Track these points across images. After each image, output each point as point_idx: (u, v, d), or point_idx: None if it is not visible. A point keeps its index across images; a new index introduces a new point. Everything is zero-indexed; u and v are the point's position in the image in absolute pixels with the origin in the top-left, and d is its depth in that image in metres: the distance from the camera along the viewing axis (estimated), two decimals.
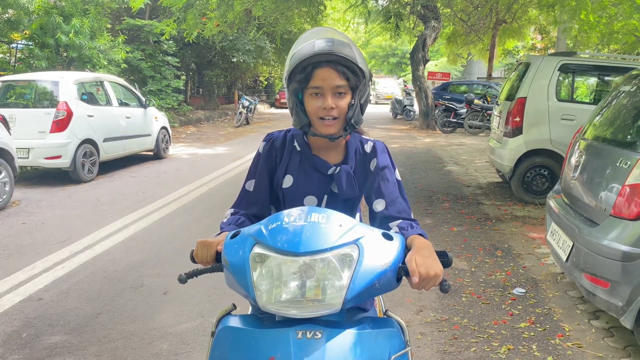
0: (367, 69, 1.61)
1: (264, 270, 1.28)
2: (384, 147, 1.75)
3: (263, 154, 1.74)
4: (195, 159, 10.83)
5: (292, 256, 1.25)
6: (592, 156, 3.62)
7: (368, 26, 19.61)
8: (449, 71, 28.18)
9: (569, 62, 6.69)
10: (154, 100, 12.06)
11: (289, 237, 1.28)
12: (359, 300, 1.29)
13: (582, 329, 3.46)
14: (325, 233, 1.28)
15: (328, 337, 1.25)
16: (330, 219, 1.33)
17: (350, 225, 1.32)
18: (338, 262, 1.26)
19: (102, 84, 9.28)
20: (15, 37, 12.44)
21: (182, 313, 3.63)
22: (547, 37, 21.43)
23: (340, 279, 1.25)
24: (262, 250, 1.29)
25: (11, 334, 3.33)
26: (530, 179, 6.84)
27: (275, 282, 1.27)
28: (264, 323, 1.36)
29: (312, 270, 1.26)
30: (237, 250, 1.34)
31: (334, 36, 1.58)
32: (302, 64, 1.54)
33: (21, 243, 5.13)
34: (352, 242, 1.29)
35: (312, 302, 1.26)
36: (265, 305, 1.27)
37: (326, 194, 1.69)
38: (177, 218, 6.09)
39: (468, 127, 15.54)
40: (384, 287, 1.34)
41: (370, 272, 1.28)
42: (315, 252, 1.25)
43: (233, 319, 1.38)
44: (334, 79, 1.54)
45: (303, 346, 1.23)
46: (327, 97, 1.56)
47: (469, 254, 4.88)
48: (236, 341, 1.31)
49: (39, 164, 7.85)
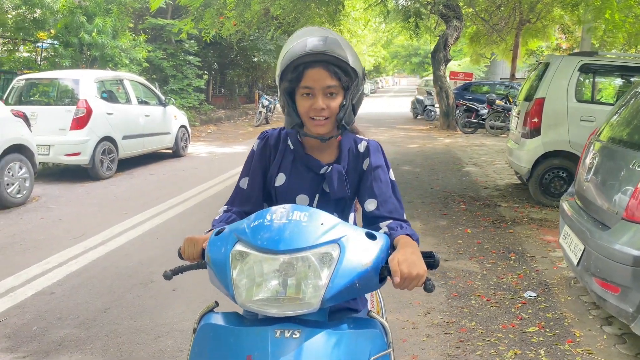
0: (360, 69, 1.59)
1: (244, 267, 1.28)
2: (377, 147, 1.72)
3: (257, 151, 1.74)
4: (213, 157, 10.91)
5: (272, 254, 1.25)
6: (606, 158, 3.53)
7: (388, 25, 19.49)
8: (472, 71, 27.86)
9: (590, 62, 6.55)
10: (173, 99, 12.19)
11: (270, 235, 1.27)
12: (339, 299, 1.28)
13: (593, 335, 3.38)
14: (306, 232, 1.28)
15: (306, 337, 1.24)
16: (312, 217, 1.32)
17: (333, 224, 1.32)
18: (317, 261, 1.25)
19: (121, 83, 9.41)
20: (41, 36, 12.73)
21: (189, 310, 3.66)
22: (571, 37, 21.03)
23: (319, 278, 1.25)
24: (243, 247, 1.29)
25: (22, 327, 3.40)
26: (548, 181, 6.71)
27: (257, 280, 1.26)
28: (245, 321, 1.36)
29: (292, 269, 1.25)
30: (220, 248, 1.34)
31: (327, 35, 1.56)
32: (294, 63, 1.53)
33: (38, 238, 5.24)
34: (333, 241, 1.28)
35: (292, 301, 1.26)
36: (244, 303, 1.27)
37: (318, 193, 1.68)
38: (192, 215, 6.14)
39: (489, 127, 15.34)
40: (365, 287, 1.33)
41: (351, 272, 1.27)
42: (295, 250, 1.25)
43: (215, 316, 1.38)
44: (325, 79, 1.53)
45: (280, 345, 1.23)
46: (318, 98, 1.54)
47: (481, 256, 4.81)
48: (216, 338, 1.31)
49: (59, 160, 8.01)
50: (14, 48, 12.28)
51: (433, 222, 5.95)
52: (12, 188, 6.42)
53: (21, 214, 6.16)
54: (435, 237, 5.36)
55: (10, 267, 4.42)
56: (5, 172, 6.29)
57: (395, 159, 10.62)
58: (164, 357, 3.05)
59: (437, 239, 5.32)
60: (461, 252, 4.91)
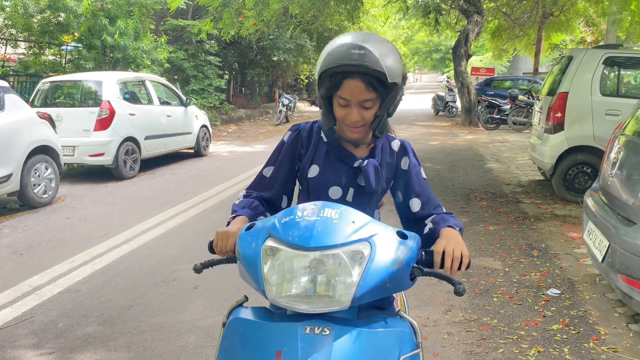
0: (400, 78, 1.54)
1: (275, 263, 1.28)
2: (411, 147, 1.79)
3: (288, 142, 1.75)
4: (234, 156, 10.99)
5: (303, 250, 1.25)
6: (632, 152, 3.46)
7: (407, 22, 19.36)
8: (494, 66, 27.51)
9: (615, 55, 6.41)
10: (194, 99, 12.31)
11: (300, 231, 1.28)
12: (369, 298, 1.28)
13: (619, 333, 3.31)
14: (337, 229, 1.28)
15: (336, 334, 1.24)
16: (343, 215, 1.32)
17: (364, 222, 1.32)
18: (348, 259, 1.25)
19: (143, 84, 9.54)
20: (65, 39, 12.97)
21: (210, 307, 3.70)
22: (596, 30, 20.60)
23: (350, 275, 1.24)
24: (274, 243, 1.29)
25: (48, 324, 3.47)
26: (572, 176, 6.60)
27: (287, 276, 1.27)
28: (274, 316, 1.36)
29: (322, 265, 1.25)
30: (250, 243, 1.35)
31: (371, 45, 1.48)
32: (332, 70, 1.51)
33: (64, 237, 5.34)
34: (364, 239, 1.28)
35: (322, 298, 1.25)
36: (275, 299, 1.28)
37: (352, 186, 1.69)
38: (214, 214, 6.20)
39: (512, 123, 15.13)
40: (395, 286, 1.33)
41: (382, 271, 1.26)
42: (326, 247, 1.25)
43: (244, 311, 1.39)
44: (362, 93, 1.50)
45: (310, 341, 1.22)
46: (353, 110, 1.54)
47: (503, 253, 4.75)
48: (245, 333, 1.31)
49: (83, 161, 8.16)
50: (39, 51, 12.52)
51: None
52: (38, 188, 6.56)
53: (47, 214, 6.30)
54: None
55: (37, 266, 4.52)
56: (32, 172, 6.44)
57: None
58: (186, 353, 3.09)
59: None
60: (483, 249, 4.86)
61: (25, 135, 6.39)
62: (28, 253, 4.88)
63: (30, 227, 5.72)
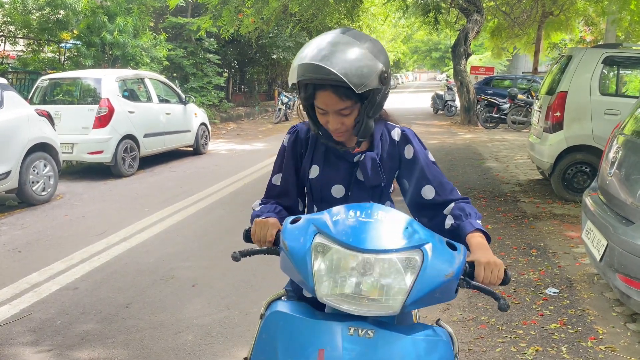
0: (375, 82, 1.46)
1: (325, 261, 1.27)
2: (413, 133, 1.74)
3: (288, 146, 1.74)
4: (233, 154, 10.99)
5: (356, 251, 1.25)
6: (630, 152, 3.46)
7: (407, 20, 19.35)
8: (494, 65, 27.50)
9: (614, 55, 6.41)
10: (193, 97, 12.30)
11: (355, 232, 1.27)
12: (418, 306, 1.28)
13: (616, 332, 3.32)
14: (390, 233, 1.28)
15: (380, 338, 1.24)
16: (396, 219, 1.32)
17: (416, 229, 1.32)
18: (402, 265, 1.25)
19: (143, 81, 9.53)
20: (64, 36, 12.94)
21: (209, 305, 3.70)
22: (595, 29, 20.59)
23: (403, 282, 1.24)
24: (325, 241, 1.28)
25: (46, 321, 3.47)
26: (571, 176, 6.60)
27: (335, 275, 1.26)
28: (316, 314, 1.34)
29: (371, 268, 1.25)
30: (298, 237, 1.33)
31: (335, 58, 1.41)
32: (303, 82, 1.51)
33: (62, 234, 5.34)
34: (417, 246, 1.27)
35: (370, 301, 1.25)
36: (324, 297, 1.27)
37: (352, 182, 1.68)
38: (212, 212, 6.19)
39: (511, 122, 15.13)
40: (443, 296, 1.33)
41: (433, 280, 1.27)
42: (381, 251, 1.24)
43: (284, 305, 1.38)
44: (336, 103, 1.49)
45: (354, 342, 1.22)
46: (331, 119, 1.54)
47: (502, 252, 4.76)
48: (286, 327, 1.31)
49: (82, 158, 8.15)
50: (38, 48, 12.50)
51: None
52: (37, 186, 6.55)
53: (46, 211, 6.29)
54: None
55: (35, 263, 4.52)
56: (30, 170, 6.43)
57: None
58: (184, 351, 3.09)
59: None
60: None
61: (24, 133, 6.38)
62: (26, 250, 4.87)
63: (29, 225, 5.72)
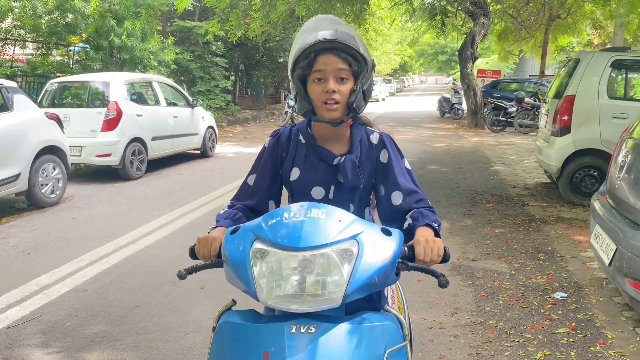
0: (369, 58, 1.65)
1: (264, 265, 1.30)
2: (391, 139, 1.77)
3: (268, 148, 1.78)
4: (240, 157, 11.02)
5: (293, 251, 1.27)
6: (639, 155, 3.44)
7: (414, 24, 19.35)
8: (500, 69, 27.41)
9: (622, 58, 6.38)
10: (201, 100, 12.35)
11: (289, 232, 1.30)
12: (359, 295, 1.31)
13: (626, 337, 3.30)
14: (325, 228, 1.30)
15: (322, 331, 1.26)
16: (329, 214, 1.34)
17: (350, 221, 1.34)
18: (338, 257, 1.28)
19: (150, 85, 9.58)
20: (73, 40, 13.04)
21: (217, 307, 3.66)
22: (603, 32, 20.50)
23: (340, 274, 1.27)
24: (263, 245, 1.31)
25: (56, 323, 3.50)
26: (579, 179, 6.57)
27: (276, 277, 1.29)
28: (262, 318, 1.38)
29: (311, 265, 1.27)
30: (237, 246, 1.36)
31: (337, 27, 1.62)
32: (306, 52, 1.59)
33: (71, 237, 5.38)
34: (351, 237, 1.31)
35: (312, 297, 1.27)
36: (266, 300, 1.29)
37: (333, 184, 1.71)
38: None
39: (518, 126, 15.09)
40: (383, 281, 1.36)
41: (370, 267, 1.29)
42: (316, 247, 1.27)
43: (232, 314, 1.40)
44: (335, 63, 1.58)
45: (297, 340, 1.25)
46: (329, 81, 1.59)
47: (509, 256, 4.75)
48: (234, 336, 1.33)
49: (90, 161, 8.20)
50: (47, 52, 12.59)
51: (460, 221, 5.90)
52: (46, 188, 6.60)
53: (55, 214, 6.34)
54: (463, 237, 5.31)
55: (44, 265, 4.55)
56: (39, 172, 6.48)
57: (422, 158, 10.55)
58: (192, 353, 3.11)
59: (465, 238, 5.27)
60: (489, 252, 4.85)
61: (33, 136, 6.43)
62: (36, 252, 4.91)
63: (38, 227, 5.76)
